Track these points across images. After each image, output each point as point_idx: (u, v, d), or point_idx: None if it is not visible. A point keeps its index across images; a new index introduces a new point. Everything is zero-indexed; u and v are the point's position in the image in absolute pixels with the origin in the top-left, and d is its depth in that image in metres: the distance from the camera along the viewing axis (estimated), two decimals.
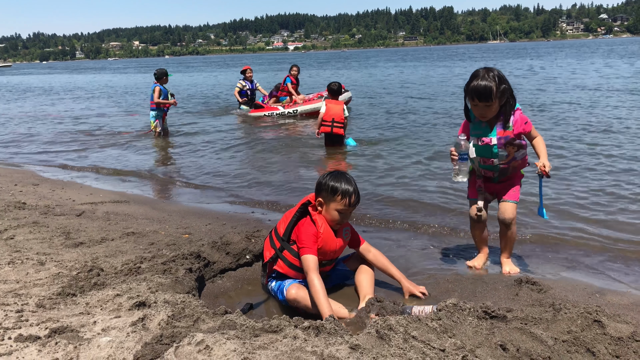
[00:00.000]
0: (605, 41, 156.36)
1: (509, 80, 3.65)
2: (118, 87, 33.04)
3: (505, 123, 3.66)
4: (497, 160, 3.77)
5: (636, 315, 3.15)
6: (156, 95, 11.25)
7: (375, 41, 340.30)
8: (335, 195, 3.37)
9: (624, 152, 8.06)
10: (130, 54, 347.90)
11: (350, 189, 3.40)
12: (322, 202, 3.44)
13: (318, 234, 3.38)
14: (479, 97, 3.55)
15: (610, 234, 4.80)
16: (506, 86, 3.58)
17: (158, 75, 11.47)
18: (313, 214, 3.44)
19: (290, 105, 14.64)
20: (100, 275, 3.44)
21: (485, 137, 3.72)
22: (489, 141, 3.72)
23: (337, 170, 3.56)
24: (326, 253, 3.44)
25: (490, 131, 3.71)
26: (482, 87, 3.52)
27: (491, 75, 3.56)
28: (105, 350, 2.39)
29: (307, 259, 3.27)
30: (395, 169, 7.79)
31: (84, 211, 5.58)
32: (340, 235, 3.52)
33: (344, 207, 3.40)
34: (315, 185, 3.52)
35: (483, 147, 3.76)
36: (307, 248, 3.31)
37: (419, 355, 2.28)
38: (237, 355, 2.27)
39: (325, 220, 3.45)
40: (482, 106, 3.60)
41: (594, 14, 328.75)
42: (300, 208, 3.48)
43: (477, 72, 3.63)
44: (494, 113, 3.65)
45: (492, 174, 3.89)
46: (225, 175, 7.87)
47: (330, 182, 3.42)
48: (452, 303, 2.77)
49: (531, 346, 2.52)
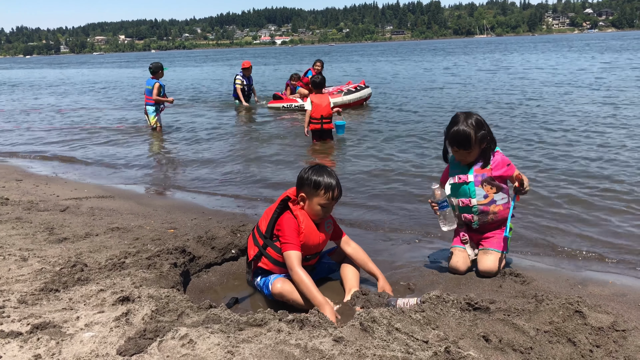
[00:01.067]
0: (587, 36, 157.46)
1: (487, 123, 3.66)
2: (107, 81, 32.71)
3: (485, 165, 3.65)
4: (475, 201, 3.70)
5: (617, 305, 3.19)
6: (155, 91, 11.10)
7: (362, 35, 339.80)
8: (318, 189, 3.36)
9: (608, 146, 8.15)
10: (116, 48, 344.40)
11: (332, 183, 3.39)
12: (304, 197, 3.44)
13: (300, 228, 3.37)
14: (457, 144, 3.58)
15: (593, 227, 4.85)
16: (485, 131, 3.57)
17: (154, 70, 11.31)
18: (294, 209, 3.43)
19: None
20: (84, 270, 3.41)
21: (463, 174, 3.71)
22: (465, 178, 3.68)
23: (319, 164, 3.55)
24: (309, 247, 3.44)
25: (468, 170, 3.70)
26: (461, 134, 3.53)
27: (470, 122, 3.56)
28: (88, 346, 2.37)
29: (290, 255, 3.26)
30: (385, 162, 7.81)
31: (68, 206, 5.53)
32: (322, 228, 3.52)
33: (327, 202, 3.40)
34: (297, 180, 3.50)
35: (459, 185, 3.72)
36: (289, 244, 3.30)
37: (402, 346, 2.29)
38: (221, 349, 2.27)
39: (307, 214, 3.44)
40: (461, 152, 3.62)
41: (580, 8, 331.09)
42: (280, 204, 3.47)
43: (456, 118, 3.63)
44: (474, 157, 3.66)
45: (470, 217, 3.78)
46: (213, 170, 7.83)
47: (312, 176, 3.40)
48: (435, 295, 2.79)
49: (513, 337, 2.55)
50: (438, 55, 54.91)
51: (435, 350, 2.27)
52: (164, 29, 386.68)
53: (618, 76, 20.10)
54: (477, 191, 3.67)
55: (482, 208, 3.71)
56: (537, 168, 6.99)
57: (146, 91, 11.31)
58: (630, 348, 2.54)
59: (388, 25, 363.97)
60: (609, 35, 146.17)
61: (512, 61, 35.07)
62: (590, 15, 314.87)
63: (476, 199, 3.70)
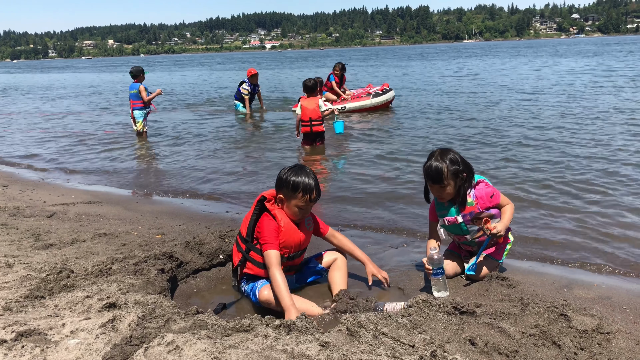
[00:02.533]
0: (572, 41, 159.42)
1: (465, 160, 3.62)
2: (91, 86, 32.52)
3: (462, 204, 3.61)
4: (470, 237, 3.73)
5: (601, 308, 3.22)
6: (144, 94, 11.02)
7: (352, 40, 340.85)
8: (296, 192, 3.37)
9: (588, 147, 8.24)
10: (105, 52, 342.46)
11: (311, 185, 3.39)
12: (282, 198, 3.45)
13: (279, 228, 3.38)
14: (431, 179, 3.55)
15: (579, 230, 4.90)
16: (459, 167, 3.52)
17: (135, 73, 11.23)
18: (272, 209, 3.44)
19: (338, 102, 14.51)
20: (70, 277, 3.39)
21: (450, 216, 3.69)
22: (454, 220, 3.67)
23: (298, 165, 3.55)
24: (291, 246, 3.45)
25: (455, 211, 3.67)
26: (433, 169, 3.50)
27: (444, 157, 3.53)
28: (73, 353, 2.36)
29: (269, 254, 3.28)
30: (376, 166, 7.84)
31: (55, 212, 5.50)
32: (302, 226, 3.53)
33: (305, 204, 3.41)
34: (276, 181, 3.51)
35: (451, 226, 3.72)
36: (268, 244, 3.32)
37: (388, 351, 2.30)
38: (207, 354, 2.27)
39: (286, 214, 3.45)
40: (436, 187, 3.59)
41: (567, 13, 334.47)
42: (257, 205, 3.48)
43: (432, 153, 3.62)
44: (450, 194, 3.60)
45: (471, 248, 3.84)
46: (201, 175, 7.80)
47: (291, 177, 3.41)
48: (422, 299, 2.81)
49: (499, 340, 2.57)
50: (424, 59, 55.23)
51: (421, 354, 2.28)
52: (153, 34, 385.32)
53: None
54: (469, 227, 3.69)
55: (479, 239, 3.73)
56: (520, 169, 7.05)
57: (131, 96, 11.16)
58: (614, 350, 2.58)
59: (377, 30, 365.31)
60: (594, 40, 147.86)
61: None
62: (577, 20, 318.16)
63: (470, 235, 3.73)
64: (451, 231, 3.79)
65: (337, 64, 15.22)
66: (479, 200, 3.61)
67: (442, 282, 3.48)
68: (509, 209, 3.69)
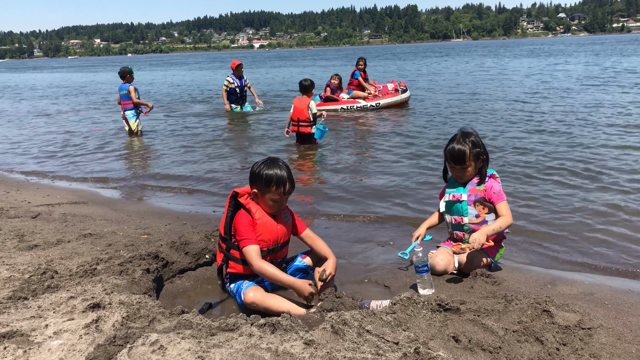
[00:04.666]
0: (555, 40, 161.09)
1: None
2: (77, 86, 32.25)
3: (480, 183, 3.76)
4: (467, 219, 3.77)
5: (584, 304, 3.26)
6: (134, 95, 10.98)
7: (340, 39, 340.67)
8: (270, 185, 3.36)
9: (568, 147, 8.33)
10: (92, 52, 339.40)
11: (284, 177, 3.38)
12: (257, 193, 3.44)
13: (253, 221, 3.37)
14: (454, 160, 3.73)
15: (562, 228, 4.95)
16: (480, 149, 3.72)
17: (122, 74, 11.20)
18: (246, 202, 3.43)
19: (371, 99, 14.47)
20: (54, 277, 3.36)
21: (457, 193, 3.81)
22: (459, 197, 3.79)
23: (270, 158, 3.53)
24: (269, 239, 3.42)
25: (463, 189, 3.81)
26: (457, 151, 3.70)
27: (466, 139, 3.72)
28: (56, 354, 2.35)
29: (248, 250, 3.28)
30: (364, 166, 7.86)
31: (40, 213, 5.45)
32: (280, 219, 3.52)
33: (279, 197, 3.41)
34: (249, 175, 3.49)
35: (453, 202, 3.82)
36: (245, 240, 3.31)
37: (372, 348, 2.31)
38: (192, 354, 2.26)
39: (261, 207, 3.45)
40: (458, 169, 3.76)
41: (553, 13, 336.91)
42: (231, 202, 3.48)
43: (454, 136, 3.80)
44: (470, 175, 3.78)
45: (462, 234, 3.85)
46: (189, 175, 7.77)
47: (263, 171, 3.39)
48: (406, 297, 2.82)
49: (482, 337, 2.60)
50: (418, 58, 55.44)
51: (405, 351, 2.29)
52: (140, 33, 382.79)
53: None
54: (469, 210, 3.76)
55: (473, 227, 3.77)
56: (508, 164, 7.11)
57: (122, 97, 11.15)
58: (596, 345, 2.61)
59: (366, 29, 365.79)
60: (579, 39, 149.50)
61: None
62: (563, 19, 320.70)
63: (468, 218, 3.78)
64: (451, 210, 3.87)
65: (361, 59, 15.02)
66: (487, 189, 3.74)
67: (427, 280, 3.49)
68: (501, 221, 3.65)
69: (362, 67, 14.98)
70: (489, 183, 3.76)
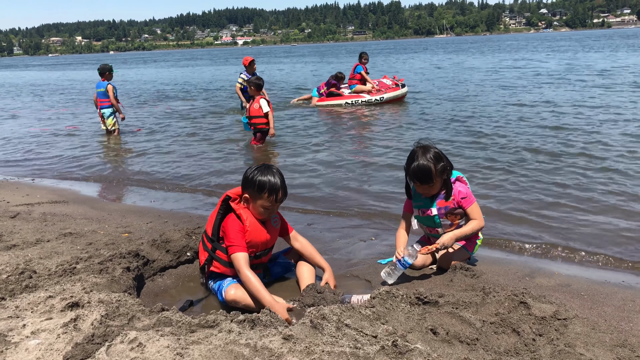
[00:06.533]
0: (535, 35, 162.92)
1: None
2: (51, 84, 31.85)
3: (448, 196, 3.67)
4: (442, 230, 3.79)
5: (560, 295, 3.32)
6: (111, 94, 10.84)
7: (324, 36, 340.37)
8: (262, 192, 3.35)
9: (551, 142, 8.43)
10: (73, 49, 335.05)
11: (277, 185, 3.37)
12: (248, 198, 3.42)
13: (244, 228, 3.37)
14: (419, 179, 3.56)
15: (542, 220, 5.01)
16: (444, 163, 3.58)
17: (102, 71, 11.04)
18: (237, 208, 3.42)
19: (375, 93, 14.56)
20: (32, 277, 3.34)
21: (426, 208, 3.75)
22: (429, 212, 3.74)
23: (264, 164, 3.51)
24: (257, 245, 3.44)
25: (430, 203, 3.73)
26: (422, 170, 3.51)
27: (428, 156, 3.53)
28: (33, 353, 2.33)
29: (237, 257, 3.26)
30: (344, 164, 7.88)
31: (19, 212, 5.39)
32: (269, 225, 3.53)
33: (271, 204, 3.39)
34: (242, 180, 3.49)
35: (425, 217, 3.79)
36: (235, 246, 3.30)
37: (350, 342, 2.33)
38: (170, 351, 2.27)
39: (251, 213, 3.45)
40: (425, 187, 3.62)
41: (535, 8, 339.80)
42: (222, 204, 3.47)
43: (414, 153, 3.60)
44: (437, 189, 3.66)
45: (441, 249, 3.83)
46: (171, 173, 7.73)
47: (257, 177, 3.38)
48: (385, 290, 2.85)
49: (460, 329, 2.63)
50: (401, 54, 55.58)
51: (383, 344, 2.31)
52: (123, 30, 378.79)
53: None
54: (442, 222, 3.76)
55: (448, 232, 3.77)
56: (485, 158, 7.18)
57: (99, 94, 10.97)
58: (571, 335, 2.65)
59: (350, 25, 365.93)
60: (558, 34, 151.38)
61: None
62: (545, 15, 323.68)
63: (442, 228, 3.79)
64: (424, 223, 3.85)
65: (364, 54, 15.02)
66: (454, 196, 3.67)
67: (397, 274, 3.58)
68: (473, 224, 3.66)
69: (365, 61, 15.04)
70: (455, 190, 3.68)
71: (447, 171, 3.60)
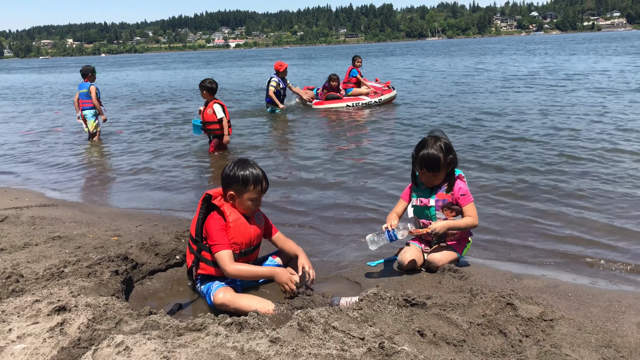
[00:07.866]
0: (523, 38, 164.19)
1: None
2: (32, 87, 31.67)
3: (449, 189, 3.74)
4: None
5: (547, 296, 3.34)
6: (94, 95, 10.72)
7: (317, 38, 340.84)
8: (247, 185, 3.40)
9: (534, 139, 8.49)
10: (64, 52, 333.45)
11: (260, 176, 3.45)
12: (234, 195, 3.44)
13: (226, 225, 3.38)
14: (427, 167, 3.65)
15: (529, 222, 5.04)
16: (452, 156, 3.68)
17: (84, 72, 10.93)
18: (220, 204, 3.43)
19: (373, 95, 14.85)
20: (19, 281, 3.32)
21: (425, 198, 3.81)
22: (427, 202, 3.79)
23: (240, 159, 3.56)
24: (242, 242, 3.44)
25: (430, 194, 3.80)
26: (430, 158, 3.61)
27: (438, 145, 3.64)
28: (19, 358, 2.32)
29: (221, 255, 3.28)
30: (332, 163, 7.90)
31: (7, 216, 5.36)
32: (253, 221, 3.54)
33: (257, 195, 3.45)
34: (223, 179, 3.50)
35: (421, 207, 3.83)
36: (217, 245, 3.32)
37: (337, 344, 2.34)
38: (157, 354, 2.26)
39: (237, 209, 3.46)
40: (429, 175, 3.70)
41: (526, 11, 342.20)
42: (203, 204, 3.48)
43: (425, 141, 3.71)
44: (440, 181, 3.75)
45: (431, 237, 3.89)
46: (160, 176, 7.70)
47: (238, 172, 3.42)
48: (372, 292, 2.86)
49: (447, 331, 2.64)
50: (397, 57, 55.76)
51: (370, 346, 2.32)
52: (114, 32, 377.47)
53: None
54: (437, 215, 3.79)
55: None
56: (478, 158, 7.21)
57: (81, 95, 10.81)
58: (557, 336, 2.67)
59: (342, 28, 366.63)
60: (547, 37, 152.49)
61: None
62: (536, 18, 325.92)
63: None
64: (418, 214, 3.89)
65: (358, 57, 15.15)
66: (454, 191, 3.74)
67: (381, 243, 3.70)
68: (467, 220, 3.71)
69: (359, 64, 15.15)
70: (456, 185, 3.76)
71: (453, 164, 3.71)
